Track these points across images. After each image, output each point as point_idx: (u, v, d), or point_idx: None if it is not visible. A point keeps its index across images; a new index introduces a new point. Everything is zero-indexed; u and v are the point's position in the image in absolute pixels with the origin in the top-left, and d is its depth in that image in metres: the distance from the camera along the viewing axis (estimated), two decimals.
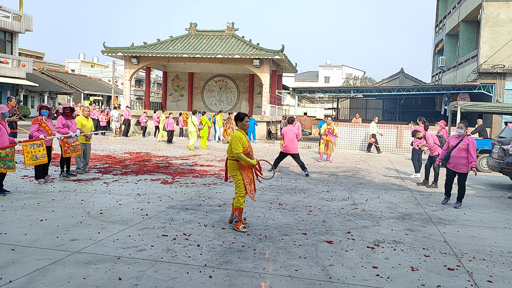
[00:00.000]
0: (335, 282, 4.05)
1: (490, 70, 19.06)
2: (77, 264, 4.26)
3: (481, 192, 9.70)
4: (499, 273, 4.42)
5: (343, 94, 28.40)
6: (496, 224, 6.61)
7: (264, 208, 7.03)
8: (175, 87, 30.13)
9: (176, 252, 4.69)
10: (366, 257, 4.80)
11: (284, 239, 5.36)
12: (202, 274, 4.10)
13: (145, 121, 23.93)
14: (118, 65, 46.42)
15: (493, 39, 19.07)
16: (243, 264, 4.42)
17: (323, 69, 65.43)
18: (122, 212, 6.36)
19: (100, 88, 52.29)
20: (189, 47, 25.66)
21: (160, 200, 7.29)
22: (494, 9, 19.11)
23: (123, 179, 9.30)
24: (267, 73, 24.68)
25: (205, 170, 11.26)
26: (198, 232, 5.50)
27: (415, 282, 4.11)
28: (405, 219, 6.67)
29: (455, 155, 7.79)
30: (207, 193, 8.11)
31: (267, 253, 4.80)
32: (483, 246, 5.38)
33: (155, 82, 62.27)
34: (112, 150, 15.32)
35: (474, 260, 4.81)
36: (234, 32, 26.96)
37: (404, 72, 33.67)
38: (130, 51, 25.57)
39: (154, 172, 10.50)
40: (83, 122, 9.88)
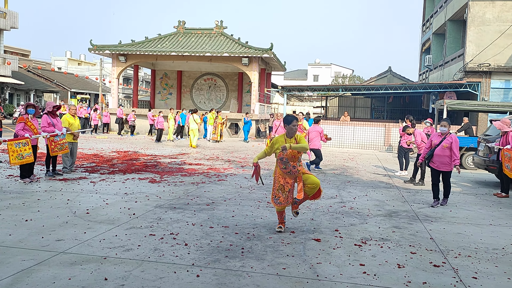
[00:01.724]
0: (323, 280, 4.06)
1: (476, 69, 19.31)
2: (62, 264, 4.20)
3: (467, 189, 9.83)
4: (484, 270, 4.48)
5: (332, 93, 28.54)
6: (481, 221, 6.70)
7: (253, 207, 7.03)
8: (164, 86, 29.96)
9: (163, 251, 4.66)
10: (354, 254, 4.82)
11: (272, 237, 5.36)
12: (190, 273, 4.08)
13: (133, 120, 23.77)
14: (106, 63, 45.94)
15: (479, 38, 19.33)
16: (231, 263, 4.41)
17: (312, 68, 65.66)
18: (109, 212, 6.30)
19: (87, 86, 51.72)
20: (177, 45, 25.52)
21: (148, 199, 7.24)
22: (480, 8, 19.36)
23: (110, 178, 9.21)
24: (256, 71, 24.67)
25: (194, 168, 11.21)
26: (186, 231, 5.47)
27: (401, 279, 4.14)
28: (392, 217, 6.72)
29: (439, 153, 7.70)
30: (196, 192, 8.07)
31: (255, 251, 4.79)
32: (469, 243, 5.45)
33: (143, 80, 61.81)
34: (99, 149, 15.17)
35: (460, 257, 4.86)
36: (223, 30, 26.89)
37: (392, 71, 33.96)
38: (117, 49, 25.33)
39: (142, 171, 10.42)
40: (70, 121, 9.75)
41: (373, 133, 19.74)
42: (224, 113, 23.90)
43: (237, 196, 7.84)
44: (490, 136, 10.83)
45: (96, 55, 29.66)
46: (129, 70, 50.32)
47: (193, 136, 17.82)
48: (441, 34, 25.98)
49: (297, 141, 5.45)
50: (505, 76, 19.30)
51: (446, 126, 7.82)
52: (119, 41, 26.04)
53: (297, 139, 5.48)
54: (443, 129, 7.80)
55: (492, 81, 19.43)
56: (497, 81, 19.41)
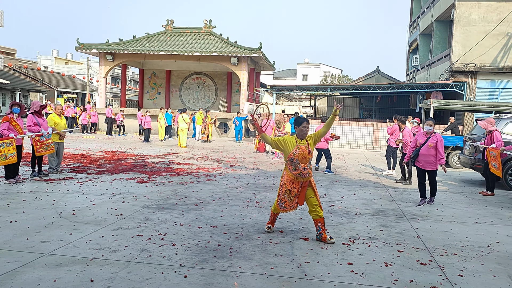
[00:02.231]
0: (311, 279, 4.07)
1: (462, 69, 19.55)
2: (48, 266, 4.14)
3: (453, 188, 9.95)
4: (470, 267, 4.54)
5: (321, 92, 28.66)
6: (467, 219, 6.79)
7: (241, 207, 7.01)
8: (152, 85, 29.75)
9: (150, 252, 4.62)
10: (342, 253, 4.84)
11: (260, 237, 5.36)
12: (177, 274, 4.06)
13: (122, 120, 23.56)
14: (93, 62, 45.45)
15: (465, 38, 19.57)
16: (219, 263, 4.39)
17: (301, 67, 65.80)
18: (96, 213, 6.23)
19: (74, 85, 51.12)
20: (166, 44, 25.37)
21: (136, 200, 7.18)
22: (466, 9, 19.61)
23: (97, 178, 9.11)
24: (245, 71, 24.64)
25: (182, 168, 11.15)
26: (174, 231, 5.43)
27: (388, 277, 4.17)
28: (380, 215, 6.77)
29: (424, 153, 7.72)
30: (184, 192, 8.03)
31: (244, 251, 4.78)
32: (455, 241, 5.52)
33: (132, 80, 61.30)
34: (86, 149, 15.00)
35: (446, 255, 4.92)
36: (212, 29, 26.80)
37: (380, 71, 34.21)
38: (105, 47, 25.08)
39: (130, 171, 10.33)
40: (56, 121, 9.62)
41: (362, 133, 19.87)
42: (213, 113, 23.83)
43: (225, 196, 7.82)
44: (476, 136, 10.98)
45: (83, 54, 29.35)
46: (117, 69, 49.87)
47: (182, 135, 17.75)
48: (428, 34, 26.26)
49: (310, 142, 5.30)
50: (490, 76, 19.58)
51: (431, 125, 7.86)
52: (106, 40, 25.78)
53: (309, 140, 5.32)
54: (428, 128, 7.85)
55: (478, 81, 19.70)
56: (482, 81, 19.68)
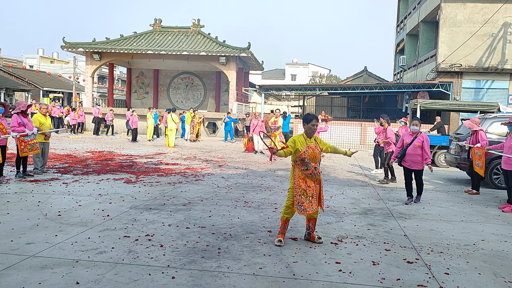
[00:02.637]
0: (299, 279, 4.07)
1: (448, 69, 19.80)
2: (33, 268, 4.07)
3: (439, 186, 10.07)
4: (456, 265, 4.59)
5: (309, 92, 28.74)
6: (453, 217, 6.87)
7: (230, 207, 6.99)
8: (140, 84, 29.53)
9: (138, 253, 4.57)
10: (330, 253, 4.86)
11: (249, 237, 5.35)
12: (165, 275, 4.02)
13: (111, 120, 23.34)
14: (80, 61, 44.92)
15: (451, 39, 19.82)
16: (207, 263, 4.37)
17: (290, 67, 65.94)
18: (82, 214, 6.15)
19: (61, 84, 50.45)
20: (154, 44, 25.19)
21: (123, 200, 7.10)
22: (452, 10, 19.85)
23: (84, 179, 9.00)
24: (233, 70, 24.60)
25: (171, 168, 11.09)
26: (162, 232, 5.39)
27: (375, 276, 4.20)
28: (368, 215, 6.82)
29: (411, 152, 7.75)
30: (172, 192, 7.98)
31: (232, 251, 4.77)
32: (441, 239, 5.58)
33: (119, 79, 60.74)
34: (73, 149, 14.81)
35: (432, 253, 4.97)
36: (200, 29, 26.70)
37: (368, 71, 34.43)
38: (91, 46, 24.81)
39: (117, 171, 10.23)
40: (41, 120, 9.48)
41: (350, 132, 19.99)
42: (201, 112, 23.75)
43: (214, 196, 7.79)
44: (461, 135, 11.13)
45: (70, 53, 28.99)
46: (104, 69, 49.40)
47: (171, 135, 17.66)
48: (414, 35, 26.52)
49: (318, 142, 5.21)
50: (475, 76, 19.86)
51: (417, 125, 7.90)
52: (93, 39, 25.49)
53: (318, 141, 5.23)
54: (415, 128, 7.89)
55: (463, 81, 19.96)
56: (468, 81, 19.95)
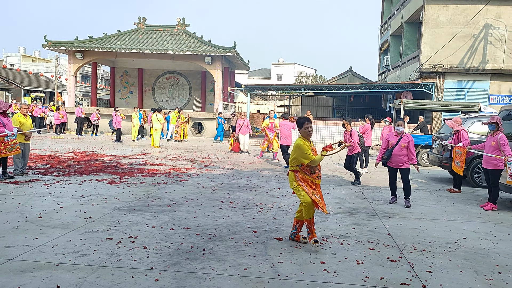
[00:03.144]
0: (284, 279, 4.07)
1: (430, 69, 20.10)
2: (12, 272, 3.98)
3: (422, 185, 10.20)
4: (438, 263, 4.65)
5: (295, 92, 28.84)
6: (435, 216, 6.96)
7: (215, 207, 6.96)
8: (124, 84, 29.20)
9: (121, 256, 4.51)
10: (315, 252, 4.87)
11: (234, 237, 5.32)
12: (148, 277, 3.97)
13: (97, 119, 23.01)
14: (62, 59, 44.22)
15: (434, 40, 20.12)
16: (191, 265, 4.33)
17: (276, 67, 66.04)
18: (63, 216, 6.04)
19: (42, 84, 49.51)
20: (138, 43, 24.94)
21: (106, 202, 7.00)
22: (435, 11, 20.15)
23: (65, 180, 8.85)
24: (219, 70, 24.52)
25: (155, 169, 10.98)
26: (145, 234, 5.33)
27: (360, 275, 4.22)
28: (352, 214, 6.86)
29: (397, 153, 7.68)
30: (156, 193, 7.90)
31: (217, 253, 4.74)
32: (424, 237, 5.64)
33: (103, 78, 59.97)
34: (54, 150, 14.56)
35: (415, 252, 5.02)
36: (185, 28, 26.54)
37: (353, 71, 34.71)
38: (74, 45, 24.43)
39: (101, 172, 10.09)
40: (21, 120, 9.29)
41: (335, 132, 20.11)
42: (186, 112, 23.60)
43: (199, 197, 7.74)
44: (443, 134, 11.30)
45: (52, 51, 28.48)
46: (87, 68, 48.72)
47: (156, 135, 17.50)
48: (398, 35, 26.84)
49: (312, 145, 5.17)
50: (457, 76, 20.21)
51: (402, 126, 7.89)
52: (75, 37, 25.11)
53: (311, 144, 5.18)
54: (399, 128, 7.84)
55: (445, 82, 20.29)
56: (450, 81, 20.29)
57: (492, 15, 19.63)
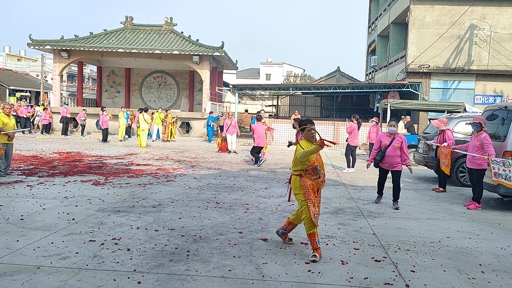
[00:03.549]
0: (268, 280, 4.05)
1: (417, 70, 20.29)
2: None
3: (408, 185, 10.28)
4: (422, 263, 4.68)
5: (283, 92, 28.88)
6: (420, 215, 7.02)
7: (201, 208, 6.92)
8: (111, 83, 28.91)
9: (103, 258, 4.44)
10: (300, 253, 4.86)
11: (219, 238, 5.29)
12: (131, 280, 3.92)
13: (83, 119, 22.72)
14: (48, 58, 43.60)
15: (420, 40, 20.31)
16: (175, 267, 4.29)
17: (264, 67, 66.10)
18: (46, 217, 5.94)
19: (28, 83, 48.79)
20: (125, 42, 24.71)
21: (90, 203, 6.91)
22: (421, 12, 20.35)
23: (49, 181, 8.71)
24: (207, 69, 24.43)
25: (142, 169, 10.88)
26: (129, 235, 5.27)
27: (344, 275, 4.23)
28: (338, 214, 6.88)
29: (390, 154, 7.53)
30: (142, 194, 7.82)
31: (201, 254, 4.70)
32: (408, 237, 5.68)
33: (90, 78, 59.29)
34: (39, 150, 14.34)
35: (399, 251, 5.05)
36: (173, 27, 26.38)
37: (341, 71, 34.90)
38: (59, 44, 24.10)
39: (85, 172, 9.96)
40: (4, 121, 9.13)
41: (323, 131, 20.18)
42: (174, 112, 23.46)
43: (185, 197, 7.68)
44: (429, 134, 11.41)
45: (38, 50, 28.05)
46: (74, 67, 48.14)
47: (143, 135, 17.36)
48: (385, 36, 27.05)
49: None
50: (443, 76, 20.44)
51: (394, 126, 7.68)
52: (61, 36, 24.77)
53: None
54: (392, 129, 7.66)
55: (431, 82, 20.50)
56: (436, 82, 20.51)
57: (477, 15, 19.90)
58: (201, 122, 24.38)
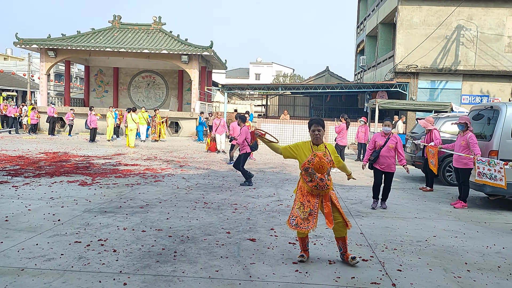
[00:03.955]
0: (255, 280, 4.04)
1: (405, 70, 20.47)
2: None
3: (396, 184, 10.35)
4: (408, 262, 4.71)
5: (272, 91, 28.90)
6: (407, 214, 7.07)
7: (189, 208, 6.88)
8: (99, 83, 28.64)
9: (89, 259, 4.39)
10: (287, 253, 4.86)
11: (207, 239, 5.27)
12: (116, 282, 3.88)
13: (71, 119, 22.45)
14: (35, 58, 43.00)
15: (408, 40, 20.50)
16: (162, 268, 4.25)
17: (254, 66, 66.08)
18: (31, 219, 5.85)
19: (14, 82, 48.07)
20: (113, 41, 24.49)
21: (76, 204, 6.82)
22: (408, 12, 20.53)
23: (35, 181, 8.59)
24: (196, 69, 24.33)
25: (129, 169, 10.79)
26: (116, 236, 5.21)
27: (331, 275, 4.23)
28: None
29: (385, 154, 7.32)
30: (129, 194, 7.75)
31: (188, 254, 4.67)
32: (395, 236, 5.72)
33: (78, 77, 58.66)
34: (25, 150, 14.13)
35: (387, 250, 5.08)
36: (161, 26, 26.23)
37: (330, 71, 35.06)
38: (46, 43, 23.80)
39: (72, 173, 9.84)
40: None
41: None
42: (163, 112, 23.31)
43: (173, 198, 7.64)
44: (416, 134, 11.51)
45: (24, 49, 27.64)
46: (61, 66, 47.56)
47: (131, 135, 17.22)
48: (373, 36, 27.24)
49: (330, 152, 4.57)
50: (430, 77, 20.66)
51: (389, 126, 7.46)
52: (48, 35, 24.47)
53: (329, 150, 4.60)
54: (387, 129, 7.44)
55: (419, 82, 20.71)
56: (423, 82, 20.72)
57: (464, 16, 20.14)
58: (190, 122, 24.28)
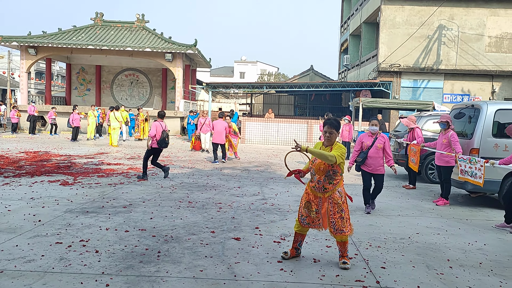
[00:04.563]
0: (240, 280, 4.02)
1: (388, 69, 20.70)
2: None
3: None
4: (392, 259, 4.76)
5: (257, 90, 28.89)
6: (391, 212, 7.15)
7: (173, 207, 6.81)
8: (81, 81, 28.16)
9: (70, 260, 4.30)
10: (272, 252, 4.85)
11: (191, 238, 5.22)
12: (98, 283, 3.81)
13: (54, 118, 22.01)
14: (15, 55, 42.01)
15: (390, 40, 20.73)
16: (145, 268, 4.20)
17: (239, 65, 65.97)
18: (11, 219, 5.71)
19: None
20: (95, 38, 24.10)
21: (57, 204, 6.69)
22: (391, 12, 20.76)
23: (15, 181, 8.39)
24: (180, 67, 24.14)
25: (112, 169, 10.64)
26: (98, 237, 5.12)
27: (316, 273, 4.24)
28: None
29: (373, 155, 6.97)
30: (112, 194, 7.64)
31: (172, 254, 4.62)
32: (379, 233, 5.77)
33: (59, 75, 57.62)
34: (5, 150, 13.81)
35: (370, 248, 5.12)
36: (145, 24, 25.91)
37: (314, 69, 35.23)
38: (26, 40, 23.28)
39: (53, 172, 9.65)
40: None
41: (296, 130, 20.32)
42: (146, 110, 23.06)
43: (157, 197, 7.56)
44: (399, 132, 11.65)
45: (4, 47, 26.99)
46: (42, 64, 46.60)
47: (114, 134, 16.99)
48: (357, 35, 27.47)
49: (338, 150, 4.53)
50: (413, 76, 20.94)
51: (376, 125, 7.15)
52: (28, 32, 23.95)
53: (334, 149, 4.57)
54: (374, 128, 7.11)
55: (402, 81, 20.97)
56: (406, 81, 20.99)
57: (446, 16, 20.47)
58: (174, 120, 24.09)
